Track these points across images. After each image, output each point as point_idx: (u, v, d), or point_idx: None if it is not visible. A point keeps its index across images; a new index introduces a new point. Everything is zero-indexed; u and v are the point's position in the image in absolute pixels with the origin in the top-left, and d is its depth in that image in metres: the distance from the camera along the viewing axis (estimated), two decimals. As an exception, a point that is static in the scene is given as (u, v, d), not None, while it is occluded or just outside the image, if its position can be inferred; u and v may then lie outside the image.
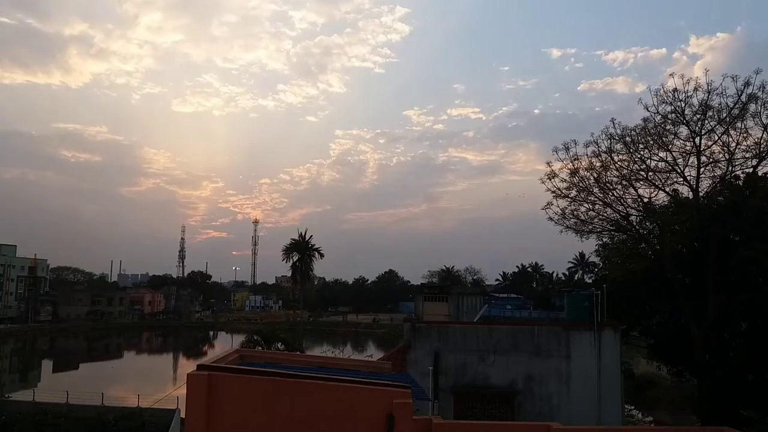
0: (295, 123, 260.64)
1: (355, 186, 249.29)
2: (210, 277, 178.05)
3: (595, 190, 22.12)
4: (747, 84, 19.24)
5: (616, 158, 21.68)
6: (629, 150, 21.55)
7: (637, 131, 21.41)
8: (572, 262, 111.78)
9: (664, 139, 21.13)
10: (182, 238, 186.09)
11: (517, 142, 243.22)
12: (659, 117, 21.02)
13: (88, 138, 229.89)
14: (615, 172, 21.77)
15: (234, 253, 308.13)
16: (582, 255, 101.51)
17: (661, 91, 20.89)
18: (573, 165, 21.99)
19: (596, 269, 45.23)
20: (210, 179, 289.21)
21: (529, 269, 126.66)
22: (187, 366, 58.82)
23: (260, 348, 29.46)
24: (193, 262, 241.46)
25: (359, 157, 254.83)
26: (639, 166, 21.54)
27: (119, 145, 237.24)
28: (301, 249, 66.87)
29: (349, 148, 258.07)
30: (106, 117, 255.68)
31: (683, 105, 20.46)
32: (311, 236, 68.36)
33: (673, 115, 20.73)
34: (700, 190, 21.04)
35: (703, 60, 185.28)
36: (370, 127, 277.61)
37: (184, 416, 8.28)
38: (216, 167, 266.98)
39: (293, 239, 68.09)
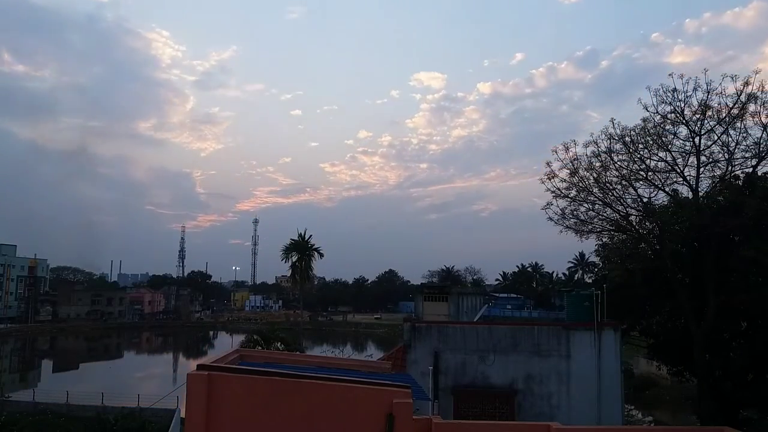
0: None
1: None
2: (210, 276, 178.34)
3: (595, 190, 22.11)
4: (746, 83, 19.22)
5: (615, 158, 21.66)
6: (629, 150, 21.52)
7: (637, 131, 21.40)
8: (572, 262, 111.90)
9: (663, 139, 21.10)
10: (182, 238, 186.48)
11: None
12: (659, 117, 21.02)
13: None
14: (615, 172, 21.75)
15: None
16: (582, 255, 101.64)
17: (661, 91, 20.90)
18: (573, 165, 22.01)
19: (596, 269, 45.17)
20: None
21: (529, 269, 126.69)
22: (187, 366, 58.77)
23: (260, 348, 29.37)
24: (195, 261, 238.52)
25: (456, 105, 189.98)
26: (639, 166, 21.52)
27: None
28: (301, 249, 66.90)
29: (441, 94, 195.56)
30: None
31: (683, 105, 20.44)
32: (311, 236, 68.53)
33: (673, 115, 20.69)
34: (699, 189, 21.03)
35: None
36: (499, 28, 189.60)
37: (184, 416, 8.28)
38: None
39: (292, 239, 68.16)
